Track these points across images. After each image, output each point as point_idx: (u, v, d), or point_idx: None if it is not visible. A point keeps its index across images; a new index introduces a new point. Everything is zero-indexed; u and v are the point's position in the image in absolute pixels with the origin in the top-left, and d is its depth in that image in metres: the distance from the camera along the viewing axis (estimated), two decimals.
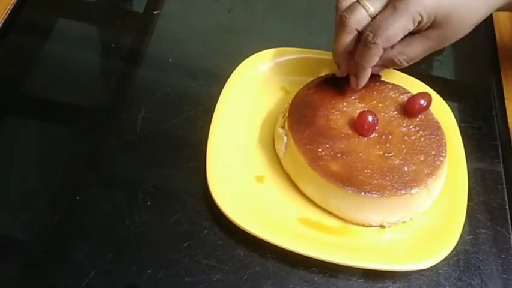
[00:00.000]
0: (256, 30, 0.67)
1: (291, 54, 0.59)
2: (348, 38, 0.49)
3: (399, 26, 0.46)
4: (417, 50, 0.50)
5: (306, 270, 0.48)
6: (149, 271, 0.46)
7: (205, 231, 0.49)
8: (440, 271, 0.49)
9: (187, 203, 0.50)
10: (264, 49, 0.59)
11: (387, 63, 0.51)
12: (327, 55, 0.58)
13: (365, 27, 0.48)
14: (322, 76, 0.55)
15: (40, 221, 0.48)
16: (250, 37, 0.66)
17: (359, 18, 0.48)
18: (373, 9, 0.47)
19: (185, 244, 0.48)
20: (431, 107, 0.53)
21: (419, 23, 0.47)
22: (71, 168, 0.52)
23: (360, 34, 0.48)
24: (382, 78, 0.55)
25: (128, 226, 0.48)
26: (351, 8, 0.48)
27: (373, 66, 0.52)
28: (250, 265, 0.47)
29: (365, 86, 0.53)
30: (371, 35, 0.47)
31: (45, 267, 0.46)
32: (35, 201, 0.50)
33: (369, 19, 0.48)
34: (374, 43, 0.47)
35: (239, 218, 0.47)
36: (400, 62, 0.50)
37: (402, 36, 0.47)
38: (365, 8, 0.47)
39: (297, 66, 0.59)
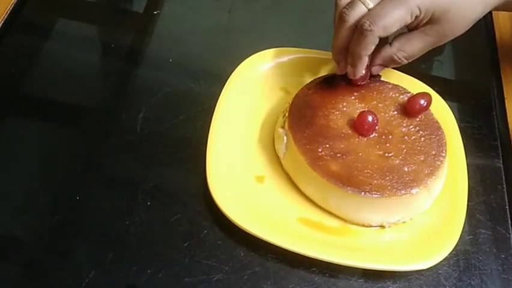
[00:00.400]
0: (256, 30, 0.67)
1: (291, 54, 0.59)
2: (348, 34, 0.49)
3: (396, 16, 0.46)
4: (416, 46, 0.50)
5: (306, 270, 0.48)
6: (149, 271, 0.46)
7: (205, 231, 0.49)
8: (440, 271, 0.49)
9: (187, 203, 0.50)
10: (264, 49, 0.59)
11: (387, 61, 0.51)
12: (327, 55, 0.58)
13: (362, 16, 0.47)
14: (322, 76, 0.55)
15: (40, 221, 0.48)
16: (250, 37, 0.66)
17: (359, 14, 0.48)
18: (372, 4, 0.47)
19: (185, 244, 0.48)
20: (431, 107, 0.53)
21: (417, 17, 0.47)
22: (71, 168, 0.52)
23: None
24: (382, 78, 0.55)
25: (128, 226, 0.48)
26: (350, 4, 0.48)
27: (372, 66, 0.52)
28: (250, 265, 0.47)
29: (365, 86, 0.54)
30: (368, 22, 0.46)
31: (45, 267, 0.46)
32: (35, 201, 0.50)
33: None
34: (370, 30, 0.46)
35: (239, 218, 0.47)
36: (399, 59, 0.51)
37: (398, 27, 0.47)
38: (364, 4, 0.47)
39: (297, 66, 0.59)
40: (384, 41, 0.50)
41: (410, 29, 0.50)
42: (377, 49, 0.50)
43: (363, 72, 0.51)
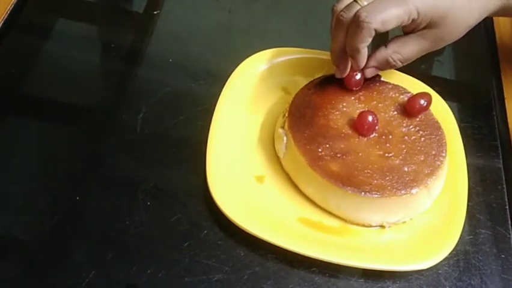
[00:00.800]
0: (256, 30, 0.67)
1: (291, 54, 0.59)
2: (345, 35, 0.49)
3: (395, 12, 0.46)
4: (412, 49, 0.50)
5: (306, 270, 0.48)
6: (149, 271, 0.46)
7: (205, 231, 0.49)
8: (440, 271, 0.49)
9: (187, 203, 0.50)
10: (264, 49, 0.59)
11: (381, 64, 0.51)
12: (327, 55, 0.57)
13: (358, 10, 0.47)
14: (322, 76, 0.55)
15: (40, 221, 0.48)
16: (250, 37, 0.66)
17: None
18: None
19: (186, 244, 0.48)
20: (431, 107, 0.53)
21: (413, 20, 0.47)
22: (71, 168, 0.52)
23: None
24: (382, 78, 0.55)
25: (128, 226, 0.48)
26: (348, 7, 0.48)
27: (367, 68, 0.52)
28: (250, 265, 0.47)
29: (365, 86, 0.54)
30: (364, 14, 0.46)
31: (45, 267, 0.46)
32: (35, 201, 0.50)
33: None
34: (367, 22, 0.45)
35: (239, 218, 0.47)
36: (395, 61, 0.51)
37: (395, 25, 0.47)
38: (361, 5, 0.47)
39: (297, 66, 0.59)
40: (380, 43, 0.50)
41: (406, 32, 0.50)
42: (372, 51, 0.50)
43: (365, 63, 0.51)
